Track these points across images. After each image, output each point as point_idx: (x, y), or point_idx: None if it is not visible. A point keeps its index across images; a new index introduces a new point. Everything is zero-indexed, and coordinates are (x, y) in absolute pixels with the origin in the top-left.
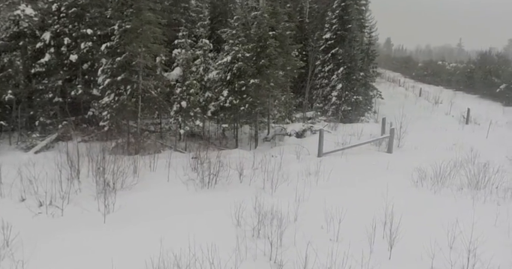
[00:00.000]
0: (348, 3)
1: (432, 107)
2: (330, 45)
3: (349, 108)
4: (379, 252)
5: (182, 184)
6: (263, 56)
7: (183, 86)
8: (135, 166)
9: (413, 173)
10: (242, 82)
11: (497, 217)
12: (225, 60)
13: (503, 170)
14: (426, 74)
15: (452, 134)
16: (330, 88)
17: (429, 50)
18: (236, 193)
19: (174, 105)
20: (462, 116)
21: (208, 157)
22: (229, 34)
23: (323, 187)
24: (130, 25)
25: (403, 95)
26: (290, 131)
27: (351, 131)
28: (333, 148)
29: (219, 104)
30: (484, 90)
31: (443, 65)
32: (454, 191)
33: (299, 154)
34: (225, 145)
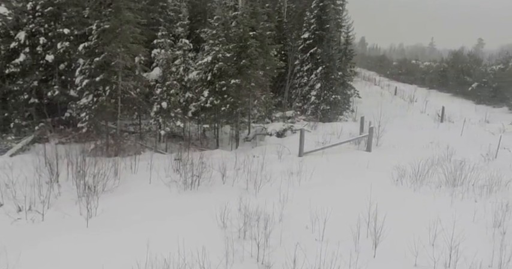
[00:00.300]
0: (326, 3)
1: (408, 106)
2: (309, 45)
3: (328, 108)
4: (364, 251)
5: (165, 185)
6: (244, 56)
7: (163, 87)
8: (116, 168)
9: (393, 172)
10: (223, 82)
11: (475, 214)
12: (205, 60)
13: (478, 167)
14: (400, 72)
15: (428, 132)
16: (309, 87)
17: (402, 49)
18: (220, 194)
19: (154, 106)
20: (437, 114)
21: (190, 158)
22: (209, 34)
23: (306, 186)
24: (109, 25)
25: (379, 93)
26: (271, 130)
27: (330, 130)
28: (313, 147)
29: (200, 104)
30: (456, 89)
31: (417, 64)
32: (433, 189)
33: (280, 153)
34: (206, 146)
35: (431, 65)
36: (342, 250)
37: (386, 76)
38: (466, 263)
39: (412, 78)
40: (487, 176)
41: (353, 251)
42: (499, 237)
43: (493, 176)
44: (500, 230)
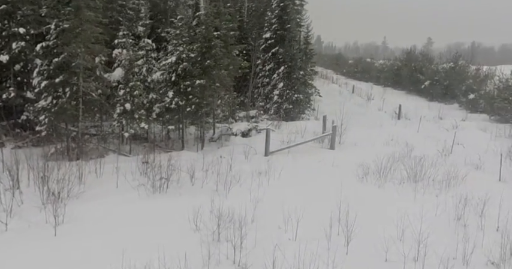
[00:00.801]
0: (287, 3)
1: (366, 104)
2: (270, 44)
3: (291, 107)
4: (337, 248)
5: (132, 189)
6: (208, 57)
7: (126, 88)
8: (80, 172)
9: (358, 169)
10: (188, 83)
11: (438, 208)
12: (169, 61)
13: (437, 163)
14: (356, 71)
15: (387, 129)
16: (271, 87)
17: (357, 47)
18: (190, 197)
19: (117, 108)
20: (394, 112)
21: (157, 160)
22: (172, 34)
23: (275, 186)
24: (69, 24)
25: (337, 91)
26: (236, 130)
27: (294, 129)
28: (278, 146)
29: (164, 105)
30: (410, 87)
31: (372, 63)
32: (396, 185)
33: (247, 153)
34: (171, 147)
35: (386, 63)
36: (316, 249)
37: (343, 74)
38: (434, 257)
39: (367, 77)
40: (445, 171)
41: (326, 250)
42: (461, 230)
43: (450, 171)
44: (462, 223)
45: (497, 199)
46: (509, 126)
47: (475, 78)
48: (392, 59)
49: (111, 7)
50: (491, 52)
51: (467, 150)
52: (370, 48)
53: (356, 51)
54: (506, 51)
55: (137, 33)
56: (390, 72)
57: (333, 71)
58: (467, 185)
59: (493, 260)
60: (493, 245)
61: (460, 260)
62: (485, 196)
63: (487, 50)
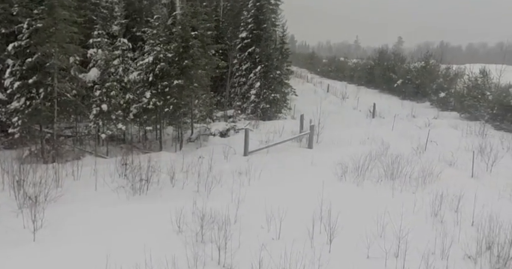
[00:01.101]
0: (263, 3)
1: (341, 103)
2: (247, 44)
3: (268, 106)
4: (320, 247)
5: (112, 192)
6: (186, 57)
7: (103, 88)
8: (57, 175)
9: (337, 168)
10: (165, 83)
11: (415, 205)
12: (146, 61)
13: (412, 160)
14: (330, 70)
15: (362, 128)
16: (248, 86)
17: (330, 46)
18: (171, 198)
19: (93, 109)
20: (369, 110)
21: (136, 161)
22: (149, 34)
23: (256, 186)
24: (43, 24)
25: (312, 91)
26: (214, 130)
27: (272, 128)
28: (257, 146)
29: (142, 106)
30: (383, 85)
31: (346, 62)
32: (374, 183)
33: (226, 153)
34: (149, 148)
35: (359, 62)
36: (299, 248)
37: (317, 73)
38: (414, 252)
39: (341, 76)
40: (420, 169)
41: (309, 248)
42: (438, 226)
43: (425, 168)
44: (438, 219)
45: (470, 195)
46: (478, 123)
47: (445, 77)
48: (365, 58)
49: (84, 6)
50: (458, 51)
51: (440, 147)
52: (343, 47)
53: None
54: (472, 50)
55: (112, 33)
56: (364, 72)
57: (307, 70)
58: (442, 181)
59: (470, 254)
60: (469, 240)
61: (438, 255)
62: (460, 192)
63: (454, 49)
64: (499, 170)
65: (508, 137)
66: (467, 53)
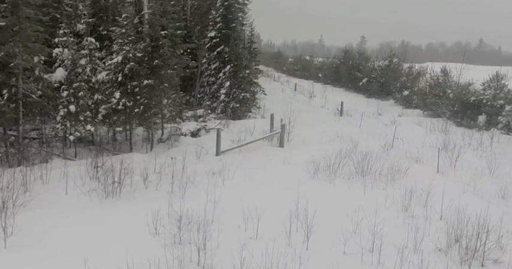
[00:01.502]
0: (231, 2)
1: (309, 101)
2: (215, 43)
3: (238, 106)
4: (297, 244)
5: (83, 195)
6: (156, 56)
7: (70, 89)
8: (25, 179)
9: (309, 166)
10: (135, 83)
11: (386, 201)
12: (115, 60)
13: (380, 157)
14: (296, 68)
15: (331, 126)
16: (217, 86)
17: (295, 45)
18: (145, 200)
19: (60, 110)
20: (337, 109)
21: (108, 163)
22: (118, 33)
23: (230, 186)
24: (6, 22)
25: (280, 89)
26: (185, 131)
27: (243, 128)
28: (229, 145)
29: (111, 106)
30: (349, 84)
31: (312, 61)
32: (346, 180)
33: (199, 153)
34: (119, 149)
35: (325, 61)
36: (277, 246)
37: (283, 72)
38: (388, 247)
39: (307, 74)
40: (389, 165)
41: (287, 246)
42: (409, 220)
43: (393, 165)
44: (409, 214)
45: (437, 190)
46: (441, 120)
47: (408, 75)
48: (330, 57)
49: (47, 3)
50: (419, 50)
51: (406, 144)
52: (308, 46)
53: (294, 49)
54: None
55: (77, 31)
56: (330, 70)
57: (274, 68)
58: (410, 177)
59: (440, 247)
60: (439, 233)
61: (411, 249)
62: (427, 188)
63: (415, 48)
64: (462, 165)
65: (468, 133)
66: (427, 52)
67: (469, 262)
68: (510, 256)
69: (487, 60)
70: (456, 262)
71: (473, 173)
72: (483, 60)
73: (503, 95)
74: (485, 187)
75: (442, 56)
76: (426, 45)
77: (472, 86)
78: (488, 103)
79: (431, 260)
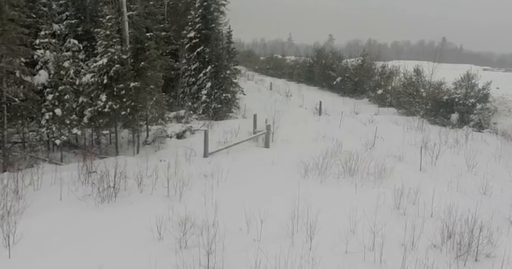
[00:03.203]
0: (210, 2)
1: (286, 101)
2: (195, 44)
3: (219, 106)
4: (300, 245)
5: (79, 200)
6: (142, 58)
7: (55, 92)
8: (16, 185)
9: (298, 166)
10: (121, 86)
11: (378, 200)
12: (100, 62)
13: (365, 156)
14: (269, 67)
15: (312, 125)
16: (198, 86)
17: (264, 44)
18: (142, 204)
19: (45, 114)
20: (315, 108)
21: (101, 167)
22: (102, 35)
23: (225, 188)
24: None
25: (255, 89)
26: (170, 133)
27: (227, 128)
28: (215, 146)
29: (97, 109)
30: (322, 83)
31: (284, 59)
32: (336, 180)
33: (188, 156)
34: (105, 152)
35: (298, 60)
36: (281, 247)
37: (256, 71)
38: (387, 245)
39: (280, 73)
40: (374, 165)
41: (291, 247)
42: (402, 218)
43: (378, 164)
44: (401, 212)
45: (424, 188)
46: (416, 119)
47: (382, 74)
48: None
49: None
50: (385, 48)
51: (387, 143)
52: (277, 44)
53: (264, 47)
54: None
55: (53, 31)
56: (303, 69)
57: (245, 67)
58: (395, 175)
59: (435, 243)
60: (432, 230)
61: (409, 246)
62: (415, 186)
63: (381, 47)
64: (442, 163)
65: (443, 131)
66: (393, 50)
67: (463, 257)
68: (502, 250)
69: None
70: (452, 257)
71: (453, 171)
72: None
73: (473, 94)
74: (467, 184)
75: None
76: (392, 44)
77: (444, 85)
78: (460, 102)
79: (430, 256)
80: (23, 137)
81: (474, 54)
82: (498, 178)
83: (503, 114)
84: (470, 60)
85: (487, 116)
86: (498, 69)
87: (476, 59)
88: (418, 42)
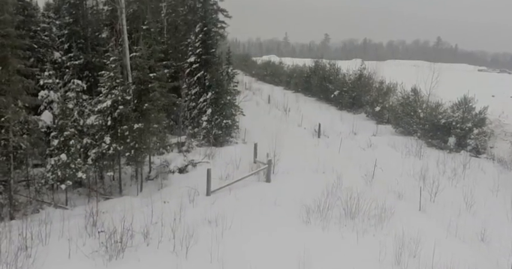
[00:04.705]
0: (210, 27)
1: (285, 117)
2: (195, 68)
3: (220, 132)
4: None
5: (87, 258)
6: (145, 100)
7: (60, 137)
8: (25, 241)
9: (300, 210)
10: (125, 127)
11: (380, 254)
12: (104, 105)
13: (364, 192)
14: (266, 74)
15: (312, 151)
16: (198, 110)
17: (260, 43)
18: (149, 262)
19: (51, 159)
20: (314, 130)
21: (108, 221)
22: (106, 76)
23: (230, 238)
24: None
25: (254, 102)
26: (173, 168)
27: (228, 158)
28: (217, 182)
29: (101, 151)
30: (320, 94)
31: (281, 67)
32: (337, 225)
33: (191, 197)
34: (109, 191)
35: (295, 69)
36: None
37: (252, 75)
38: None
39: (277, 80)
40: (374, 205)
41: None
42: None
43: (378, 203)
44: (402, 267)
45: (424, 236)
46: (413, 139)
47: (379, 91)
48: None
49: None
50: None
51: (386, 173)
52: (273, 44)
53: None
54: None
55: (54, 59)
56: (300, 79)
57: (242, 71)
58: (396, 219)
59: None
60: None
61: None
62: (415, 233)
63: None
64: (441, 200)
65: (441, 156)
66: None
67: None
68: None
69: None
70: None
71: (452, 209)
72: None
73: (470, 117)
74: (466, 228)
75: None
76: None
77: (441, 106)
78: (458, 125)
79: None
80: (27, 176)
81: (468, 53)
82: (496, 219)
83: (499, 138)
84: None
85: (484, 141)
86: (493, 70)
87: (471, 59)
88: (413, 41)
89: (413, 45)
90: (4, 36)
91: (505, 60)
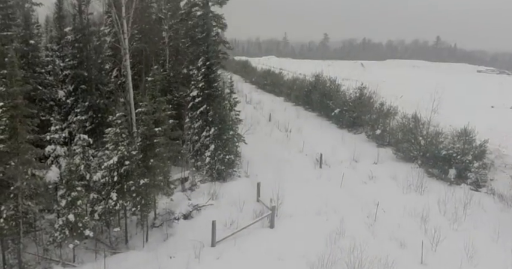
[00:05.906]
0: (213, 61)
1: (286, 141)
2: (198, 102)
3: (223, 168)
4: None
5: None
6: (151, 155)
7: (68, 197)
8: None
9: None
10: (131, 182)
11: None
12: (111, 162)
13: (367, 242)
14: (266, 83)
15: (312, 186)
16: (201, 144)
17: (259, 43)
18: None
19: (59, 219)
20: (316, 159)
21: None
22: (111, 133)
23: None
24: (5, 147)
25: (255, 120)
26: (178, 214)
27: (230, 199)
28: (221, 229)
29: (108, 207)
30: (321, 110)
31: (281, 77)
32: None
33: (196, 252)
34: (115, 242)
35: (296, 82)
36: None
37: (252, 83)
38: None
39: (278, 91)
40: (376, 261)
41: None
42: None
43: (381, 259)
44: None
45: None
46: (414, 168)
47: (380, 112)
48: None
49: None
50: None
51: (387, 214)
52: (272, 44)
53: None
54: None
55: (58, 98)
56: (301, 92)
57: (241, 77)
58: None
59: None
60: None
61: None
62: None
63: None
64: (442, 248)
65: (442, 190)
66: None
67: None
68: None
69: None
70: None
71: (453, 260)
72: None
73: (470, 148)
74: None
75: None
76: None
77: (442, 134)
78: (458, 157)
79: None
80: (34, 227)
81: (468, 53)
82: None
83: (499, 169)
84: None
85: (484, 175)
86: (492, 71)
87: (470, 58)
88: (412, 41)
89: (412, 44)
90: (14, 107)
91: (504, 60)
